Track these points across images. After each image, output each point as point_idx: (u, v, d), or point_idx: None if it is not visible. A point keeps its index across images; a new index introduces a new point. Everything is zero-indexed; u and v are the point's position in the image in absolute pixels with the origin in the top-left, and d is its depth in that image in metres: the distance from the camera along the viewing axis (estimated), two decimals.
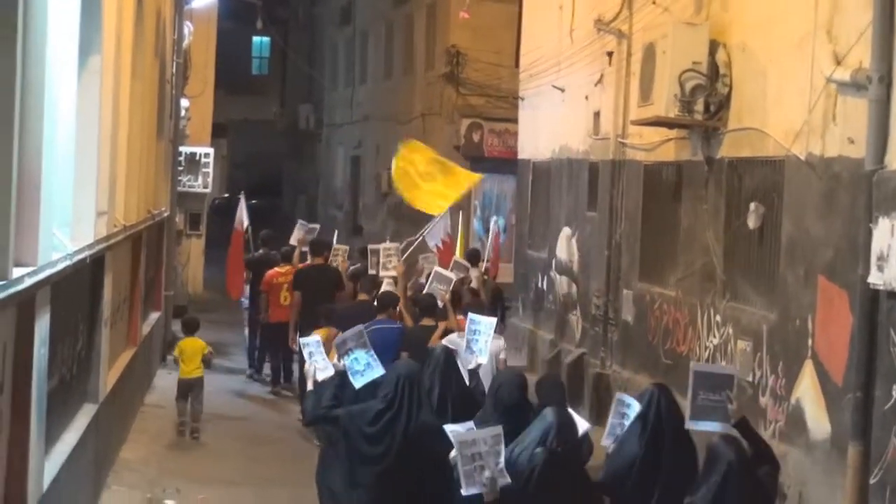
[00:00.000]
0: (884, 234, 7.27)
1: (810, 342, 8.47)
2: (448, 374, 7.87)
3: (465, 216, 17.97)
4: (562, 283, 15.15)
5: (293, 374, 14.39)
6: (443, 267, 12.89)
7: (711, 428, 6.54)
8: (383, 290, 11.90)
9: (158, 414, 12.48)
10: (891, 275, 7.17)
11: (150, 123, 13.39)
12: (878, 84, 7.50)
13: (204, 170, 21.43)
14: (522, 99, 17.85)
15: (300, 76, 39.91)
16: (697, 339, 10.61)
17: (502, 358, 10.13)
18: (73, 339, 8.11)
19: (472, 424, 6.79)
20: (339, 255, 14.62)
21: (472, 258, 14.57)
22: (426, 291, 11.82)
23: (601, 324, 13.46)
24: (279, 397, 14.44)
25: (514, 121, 18.90)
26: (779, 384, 8.90)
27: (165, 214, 16.21)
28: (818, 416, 8.28)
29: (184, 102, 19.00)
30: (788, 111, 8.97)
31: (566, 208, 15.22)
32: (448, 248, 14.88)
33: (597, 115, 13.90)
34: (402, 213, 26.03)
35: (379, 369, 7.68)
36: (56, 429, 7.53)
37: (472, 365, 8.87)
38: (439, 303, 11.08)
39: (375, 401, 7.27)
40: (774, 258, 9.25)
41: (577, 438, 6.70)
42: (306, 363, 9.73)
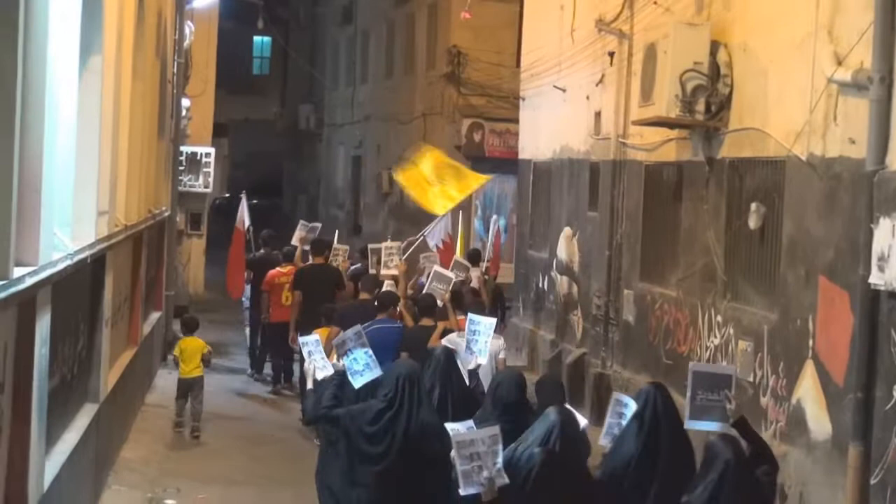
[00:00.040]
0: (885, 234, 7.27)
1: (811, 342, 8.46)
2: (449, 374, 7.87)
3: (466, 216, 17.97)
4: (562, 283, 15.15)
5: (293, 373, 14.39)
6: (443, 267, 12.89)
7: (710, 427, 6.57)
8: (384, 290, 11.89)
9: (159, 414, 12.48)
10: (891, 275, 7.17)
11: (151, 123, 13.39)
12: (879, 84, 7.50)
13: (205, 169, 21.43)
14: (523, 99, 17.84)
15: (301, 76, 39.90)
16: (698, 340, 10.61)
17: (502, 358, 10.12)
18: (73, 339, 8.11)
19: (472, 423, 6.80)
20: (340, 256, 14.60)
21: (473, 258, 14.56)
22: (425, 291, 11.82)
23: (602, 324, 13.46)
24: (279, 396, 14.44)
25: (516, 121, 18.89)
26: (780, 384, 8.90)
27: (166, 214, 16.21)
28: (819, 416, 8.27)
29: (185, 102, 19.00)
30: (789, 111, 8.96)
31: (567, 208, 15.21)
32: (448, 248, 14.88)
33: (598, 115, 13.89)
34: (402, 213, 26.04)
35: (377, 369, 7.69)
36: (57, 428, 7.53)
37: (472, 365, 8.87)
38: (439, 302, 11.07)
39: (376, 400, 7.27)
40: (775, 258, 9.25)
41: (580, 438, 6.70)
42: (306, 362, 9.74)
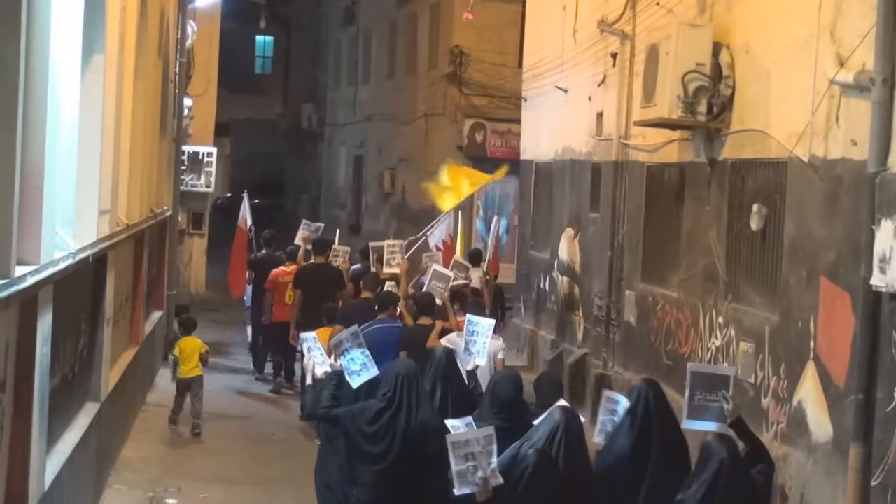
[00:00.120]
0: (886, 235, 7.26)
1: (812, 344, 8.46)
2: (449, 374, 7.88)
3: (468, 216, 17.99)
4: (564, 283, 15.14)
5: (295, 373, 14.38)
6: (444, 267, 12.89)
7: (707, 427, 6.62)
8: (385, 290, 11.90)
9: (160, 413, 12.47)
10: (893, 277, 7.16)
11: (153, 122, 13.40)
12: (882, 86, 7.49)
13: (207, 169, 21.46)
14: (525, 99, 17.85)
15: (303, 76, 39.91)
16: (699, 341, 10.61)
17: (500, 358, 10.10)
18: (75, 338, 8.11)
19: (471, 419, 6.82)
20: (340, 257, 14.59)
21: (475, 258, 14.55)
22: (425, 290, 11.82)
23: (603, 324, 13.46)
24: (280, 396, 14.43)
25: (518, 121, 18.89)
26: (781, 386, 8.89)
27: (168, 213, 16.22)
28: (820, 417, 8.27)
29: (187, 101, 19.02)
30: (791, 113, 8.96)
31: (569, 209, 15.21)
32: (448, 248, 14.88)
33: (600, 115, 13.89)
34: (404, 213, 26.05)
35: (374, 369, 7.70)
36: (58, 427, 7.54)
37: (470, 366, 8.86)
38: (438, 301, 11.08)
39: (375, 400, 7.28)
40: (777, 260, 9.24)
41: (584, 437, 6.72)
42: (305, 358, 9.78)
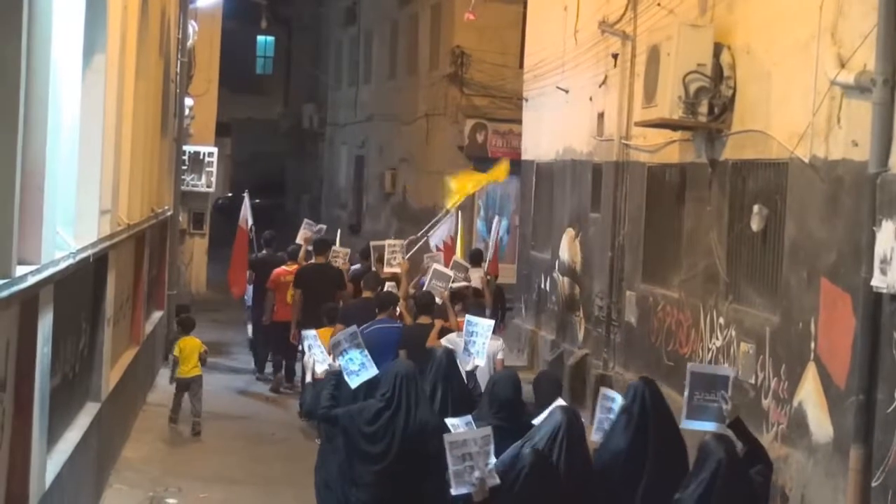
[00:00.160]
0: (887, 236, 7.26)
1: (813, 345, 8.45)
2: (450, 375, 7.89)
3: (469, 217, 17.99)
4: (564, 284, 15.14)
5: (295, 373, 14.37)
6: (444, 267, 12.88)
7: (706, 427, 6.67)
8: (385, 291, 11.90)
9: (161, 413, 12.48)
10: (894, 278, 7.16)
11: (154, 122, 13.41)
12: (882, 87, 7.49)
13: (207, 169, 21.47)
14: (526, 100, 17.85)
15: (304, 76, 39.91)
16: (700, 341, 10.61)
17: (500, 359, 10.09)
18: (75, 338, 8.12)
19: (471, 418, 6.83)
20: (339, 259, 14.58)
21: (476, 258, 14.55)
22: (425, 289, 11.82)
23: (604, 325, 13.45)
24: (279, 394, 14.43)
25: (518, 122, 18.89)
26: (781, 387, 8.89)
27: (169, 213, 16.22)
28: (820, 418, 8.26)
29: (188, 101, 19.03)
30: (792, 113, 8.95)
31: (569, 209, 15.21)
32: (449, 249, 14.87)
33: (601, 116, 13.89)
34: (405, 213, 26.05)
35: (373, 369, 7.70)
36: (58, 427, 7.54)
37: (469, 367, 8.86)
38: (437, 300, 11.08)
39: (374, 400, 7.29)
40: (777, 260, 9.24)
41: (585, 437, 6.74)
42: (306, 355, 9.80)
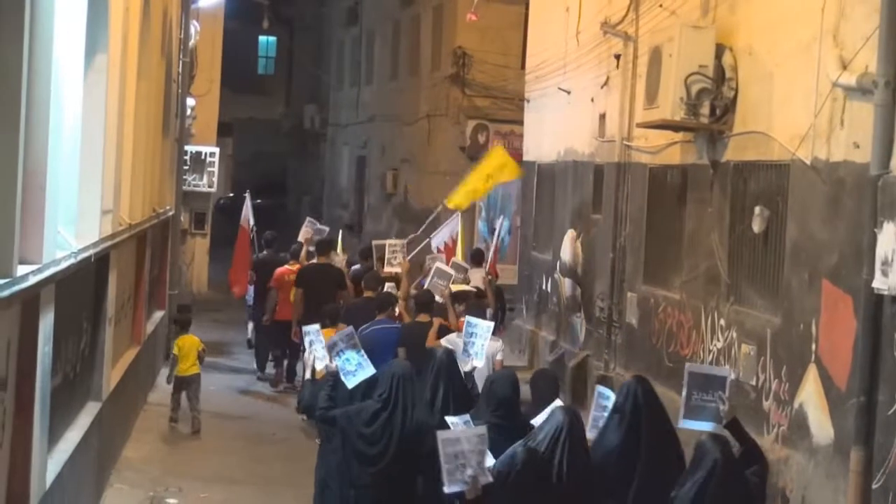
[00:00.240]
0: (888, 238, 7.26)
1: (814, 346, 8.45)
2: (450, 375, 7.90)
3: (470, 218, 17.99)
4: (566, 285, 15.13)
5: (296, 373, 14.38)
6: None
7: (703, 427, 6.71)
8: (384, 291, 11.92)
9: (162, 412, 12.48)
10: (895, 279, 7.16)
11: (155, 122, 13.41)
12: (884, 89, 7.48)
13: (209, 169, 21.50)
14: (528, 101, 17.84)
15: (306, 76, 39.91)
16: (701, 343, 10.60)
17: (499, 359, 10.11)
18: (77, 337, 8.12)
19: (469, 417, 6.85)
20: (338, 258, 14.59)
21: (477, 258, 14.55)
22: (426, 287, 11.83)
23: (605, 326, 13.44)
24: (281, 395, 14.43)
25: (520, 122, 18.89)
26: (782, 388, 8.89)
27: (170, 213, 16.23)
28: (821, 420, 8.26)
29: (189, 101, 19.04)
30: (794, 115, 8.95)
31: (571, 210, 15.21)
32: (450, 250, 14.87)
33: (602, 117, 13.89)
34: (406, 214, 26.04)
35: (370, 369, 7.71)
36: (59, 426, 7.54)
37: (468, 367, 8.87)
38: (438, 299, 11.09)
39: (371, 401, 7.30)
40: (779, 262, 9.23)
41: (585, 437, 6.75)
42: (307, 352, 9.83)
